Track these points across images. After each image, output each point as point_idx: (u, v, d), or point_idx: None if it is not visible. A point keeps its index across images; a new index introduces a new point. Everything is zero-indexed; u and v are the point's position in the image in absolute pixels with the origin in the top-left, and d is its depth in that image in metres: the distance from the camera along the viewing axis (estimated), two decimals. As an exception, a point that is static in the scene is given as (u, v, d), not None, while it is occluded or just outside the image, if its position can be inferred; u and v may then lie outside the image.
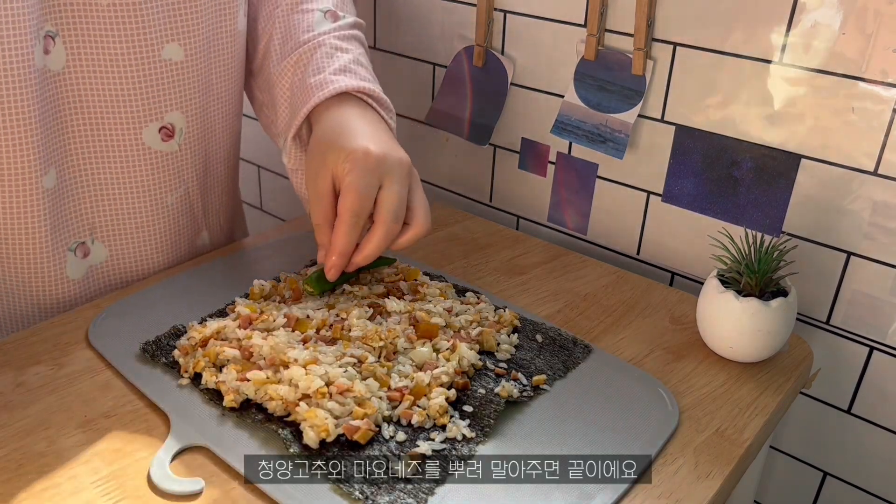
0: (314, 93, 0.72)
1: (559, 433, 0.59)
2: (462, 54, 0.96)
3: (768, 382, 0.67)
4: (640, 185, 0.87)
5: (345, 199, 0.66)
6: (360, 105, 0.73)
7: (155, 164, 0.76)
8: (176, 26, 0.71)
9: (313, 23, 0.78)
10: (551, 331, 0.70)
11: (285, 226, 0.92)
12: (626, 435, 0.59)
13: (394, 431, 0.56)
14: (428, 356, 0.63)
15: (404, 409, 0.58)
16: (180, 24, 0.72)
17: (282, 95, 0.78)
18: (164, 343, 0.66)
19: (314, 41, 0.76)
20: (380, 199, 0.67)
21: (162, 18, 0.70)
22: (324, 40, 0.76)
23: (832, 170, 0.73)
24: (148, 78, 0.71)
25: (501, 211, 1.01)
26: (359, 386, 0.57)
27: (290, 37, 0.78)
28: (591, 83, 0.86)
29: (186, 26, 0.72)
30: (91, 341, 0.67)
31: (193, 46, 0.74)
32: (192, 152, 0.79)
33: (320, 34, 0.77)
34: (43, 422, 0.58)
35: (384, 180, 0.67)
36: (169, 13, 0.71)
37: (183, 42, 0.72)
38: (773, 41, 0.73)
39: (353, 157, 0.66)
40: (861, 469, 0.81)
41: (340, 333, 0.64)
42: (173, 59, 0.72)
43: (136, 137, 0.73)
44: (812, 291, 0.77)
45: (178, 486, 0.52)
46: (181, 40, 0.72)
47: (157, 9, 0.69)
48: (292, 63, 0.76)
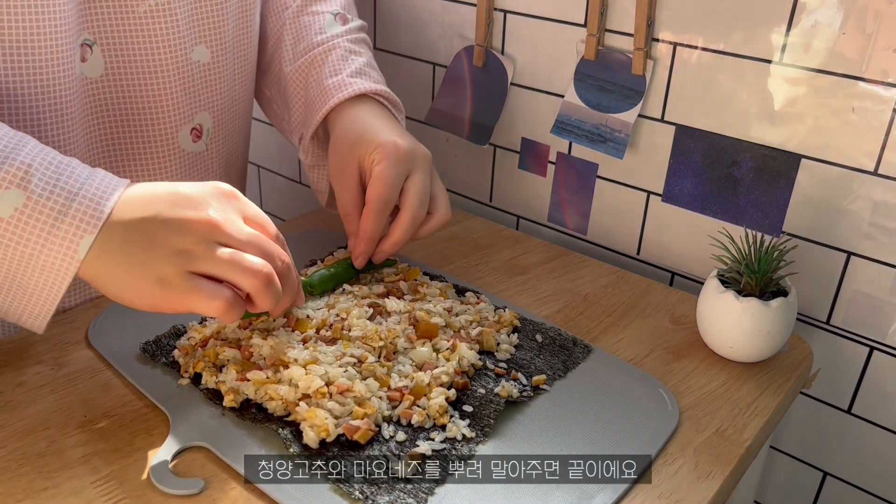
0: (333, 94, 0.75)
1: (559, 433, 0.59)
2: (462, 54, 0.96)
3: (768, 382, 0.67)
4: (640, 185, 0.87)
5: (374, 187, 0.69)
6: (377, 105, 0.76)
7: (187, 165, 0.78)
8: (203, 28, 0.74)
9: (324, 25, 0.81)
10: (551, 331, 0.70)
11: (285, 226, 0.92)
12: (627, 435, 0.59)
13: (394, 431, 0.56)
14: (428, 356, 0.63)
15: (404, 408, 0.58)
16: (207, 26, 0.74)
17: (296, 94, 0.80)
18: (163, 343, 0.66)
19: (328, 44, 0.79)
20: (406, 187, 0.70)
21: (191, 21, 0.72)
22: (337, 43, 0.80)
23: (832, 170, 0.73)
24: (182, 81, 0.73)
25: (501, 211, 1.01)
26: (359, 386, 0.57)
27: (302, 38, 0.81)
28: (591, 83, 0.86)
29: (213, 28, 0.75)
30: (91, 341, 0.67)
31: (219, 47, 0.76)
32: (217, 152, 0.81)
33: (333, 37, 0.80)
34: (43, 422, 0.58)
35: (411, 171, 0.70)
36: (197, 16, 0.73)
37: (209, 44, 0.75)
38: (773, 41, 0.73)
39: (382, 150, 0.69)
40: (861, 469, 0.81)
41: (340, 333, 0.64)
42: (201, 60, 0.74)
43: (173, 139, 0.75)
44: (812, 291, 0.77)
45: (178, 486, 0.52)
46: (208, 42, 0.75)
47: (187, 12, 0.71)
48: (307, 63, 0.79)
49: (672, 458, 0.58)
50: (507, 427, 0.59)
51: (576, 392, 0.64)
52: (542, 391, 0.63)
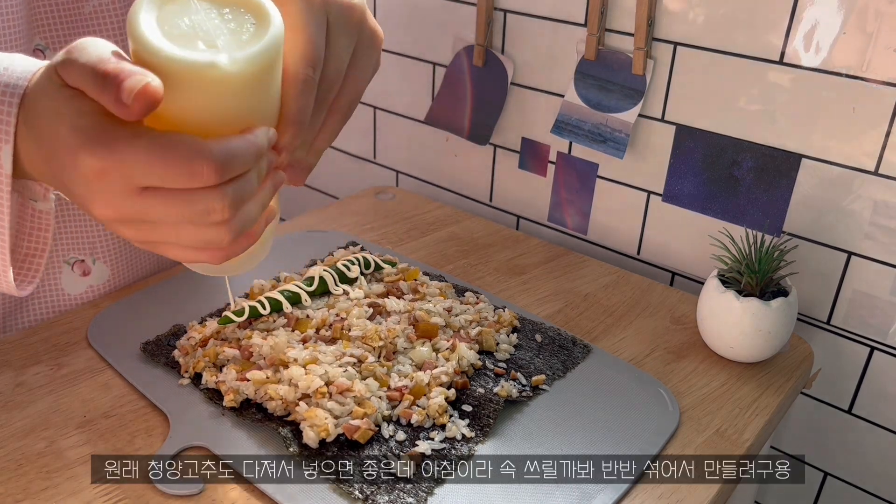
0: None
1: (558, 433, 0.59)
2: (462, 54, 0.96)
3: (769, 382, 0.67)
4: (641, 185, 0.86)
5: (298, 45, 0.48)
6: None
7: None
8: None
9: None
10: (550, 330, 0.70)
11: (285, 226, 0.92)
12: (627, 435, 0.59)
13: (393, 431, 0.56)
14: (427, 356, 0.63)
15: (404, 408, 0.58)
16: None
17: None
18: (163, 343, 0.66)
19: None
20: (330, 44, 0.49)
21: None
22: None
23: (832, 169, 0.73)
24: None
25: (501, 211, 1.01)
26: (358, 385, 0.57)
27: None
28: (591, 83, 0.86)
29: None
30: (91, 341, 0.67)
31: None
32: None
33: None
34: (43, 422, 0.58)
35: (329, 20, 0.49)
36: None
37: None
38: (773, 41, 0.73)
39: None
40: (861, 469, 0.81)
41: (340, 333, 0.64)
42: None
43: None
44: (812, 291, 0.77)
45: (178, 487, 0.52)
46: None
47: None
48: None
49: (672, 458, 0.58)
50: (507, 427, 0.59)
51: (576, 392, 0.63)
52: (541, 391, 0.63)
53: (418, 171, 1.08)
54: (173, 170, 0.39)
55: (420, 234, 0.91)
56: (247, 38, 0.42)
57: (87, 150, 0.39)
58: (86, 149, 0.39)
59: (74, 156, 0.39)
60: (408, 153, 1.09)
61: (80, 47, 0.40)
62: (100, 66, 0.38)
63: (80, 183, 0.40)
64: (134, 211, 0.41)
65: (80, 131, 0.39)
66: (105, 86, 0.38)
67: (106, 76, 0.38)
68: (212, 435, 0.57)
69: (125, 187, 0.40)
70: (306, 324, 0.65)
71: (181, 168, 0.39)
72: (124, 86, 0.37)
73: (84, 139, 0.39)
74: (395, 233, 0.90)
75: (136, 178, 0.39)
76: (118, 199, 0.40)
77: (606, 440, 0.58)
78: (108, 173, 0.39)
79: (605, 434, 0.59)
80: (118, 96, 0.37)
